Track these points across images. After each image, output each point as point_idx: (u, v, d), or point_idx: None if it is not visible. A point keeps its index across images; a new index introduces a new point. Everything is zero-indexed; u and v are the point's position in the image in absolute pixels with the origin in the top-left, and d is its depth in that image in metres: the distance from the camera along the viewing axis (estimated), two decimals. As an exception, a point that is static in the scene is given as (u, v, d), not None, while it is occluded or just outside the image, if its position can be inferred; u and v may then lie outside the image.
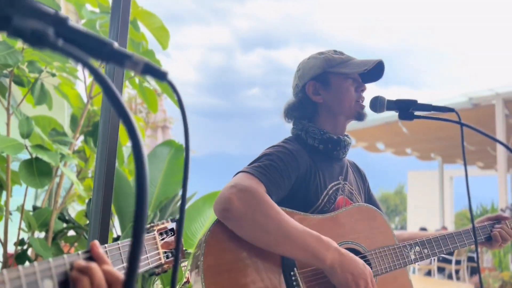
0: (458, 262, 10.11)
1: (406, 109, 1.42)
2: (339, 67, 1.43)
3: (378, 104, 1.43)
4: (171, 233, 1.00)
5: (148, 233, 0.92)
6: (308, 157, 1.38)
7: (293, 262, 1.18)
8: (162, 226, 0.97)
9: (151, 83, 3.00)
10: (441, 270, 10.49)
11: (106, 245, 0.75)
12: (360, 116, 1.47)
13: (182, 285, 1.19)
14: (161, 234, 0.96)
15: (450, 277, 10.06)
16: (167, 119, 7.14)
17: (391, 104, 1.42)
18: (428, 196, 17.65)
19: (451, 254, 9.77)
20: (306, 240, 1.13)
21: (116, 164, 3.50)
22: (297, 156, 1.35)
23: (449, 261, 10.03)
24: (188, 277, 1.28)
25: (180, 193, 3.14)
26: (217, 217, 1.16)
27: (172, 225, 1.01)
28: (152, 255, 0.90)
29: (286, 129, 1.57)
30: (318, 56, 1.48)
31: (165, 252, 0.96)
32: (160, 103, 7.22)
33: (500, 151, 8.80)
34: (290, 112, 1.52)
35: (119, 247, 0.78)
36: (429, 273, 10.56)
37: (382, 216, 1.39)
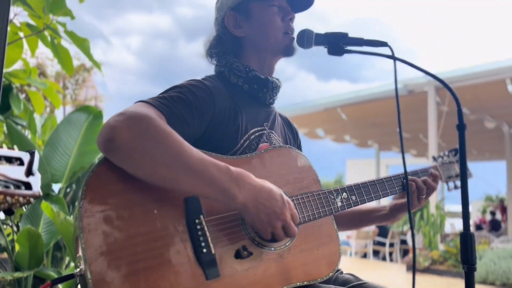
0: (391, 245, 10.49)
1: (336, 43, 1.25)
2: None
3: (305, 38, 1.25)
4: (17, 162, 0.76)
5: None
6: (229, 97, 1.19)
7: (199, 208, 0.98)
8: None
9: (66, 39, 2.65)
10: (376, 253, 10.84)
11: None
12: (288, 50, 1.28)
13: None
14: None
15: (384, 259, 10.42)
16: (98, 96, 6.64)
17: (320, 38, 1.25)
18: (365, 184, 18.20)
19: (385, 236, 10.11)
20: (212, 173, 0.92)
21: (27, 133, 3.12)
22: (215, 93, 1.14)
23: (383, 244, 10.38)
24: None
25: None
26: (101, 151, 0.93)
27: (22, 154, 0.77)
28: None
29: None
30: None
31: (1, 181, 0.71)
32: (90, 78, 6.71)
33: (432, 138, 9.15)
34: (210, 50, 1.32)
35: None
36: (365, 255, 10.87)
37: (307, 160, 1.22)
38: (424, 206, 8.31)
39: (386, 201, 1.44)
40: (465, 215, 1.06)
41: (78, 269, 0.92)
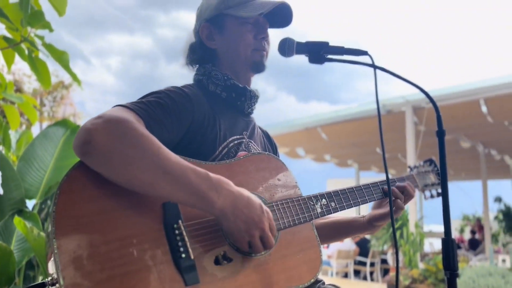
0: (372, 265, 10.49)
1: (317, 52, 1.26)
2: (236, 9, 1.24)
3: (287, 47, 1.26)
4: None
5: None
6: (208, 105, 1.18)
7: (178, 213, 0.95)
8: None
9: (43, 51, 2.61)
10: (357, 272, 10.81)
11: None
12: (256, 67, 1.28)
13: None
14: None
15: (365, 278, 10.40)
16: (76, 114, 6.52)
17: (301, 46, 1.26)
18: (345, 204, 18.26)
19: (365, 255, 10.11)
20: (190, 179, 0.91)
21: (1, 148, 3.03)
22: (193, 100, 1.14)
23: (364, 264, 10.37)
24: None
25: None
26: (77, 154, 0.90)
27: None
28: None
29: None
30: None
31: None
32: (68, 96, 6.61)
33: (410, 158, 9.29)
34: (186, 57, 1.33)
35: None
36: (346, 275, 10.83)
37: (286, 167, 1.21)
38: (404, 224, 8.37)
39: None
40: (446, 221, 1.07)
41: (49, 278, 0.87)
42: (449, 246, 1.03)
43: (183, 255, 0.92)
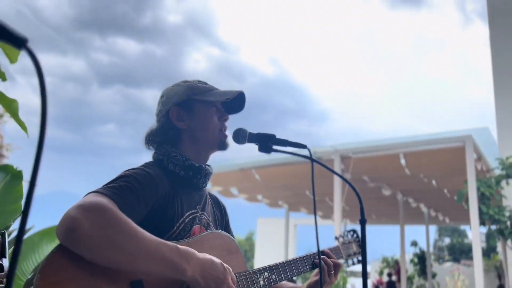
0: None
1: (266, 142, 1.49)
2: (203, 95, 1.47)
3: (240, 136, 1.48)
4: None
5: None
6: (168, 183, 1.34)
7: (142, 290, 1.10)
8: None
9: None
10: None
11: None
12: (223, 145, 1.50)
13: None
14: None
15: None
16: (5, 146, 6.20)
17: (253, 137, 1.49)
18: (274, 242, 18.60)
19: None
20: (164, 253, 1.09)
21: None
22: (157, 181, 1.30)
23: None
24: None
25: (13, 225, 2.72)
26: (61, 241, 1.02)
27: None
28: None
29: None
30: (183, 83, 1.50)
31: None
32: (-2, 126, 6.29)
33: (337, 202, 9.82)
34: (152, 138, 1.48)
35: None
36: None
37: (235, 243, 1.41)
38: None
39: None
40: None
41: None
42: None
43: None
